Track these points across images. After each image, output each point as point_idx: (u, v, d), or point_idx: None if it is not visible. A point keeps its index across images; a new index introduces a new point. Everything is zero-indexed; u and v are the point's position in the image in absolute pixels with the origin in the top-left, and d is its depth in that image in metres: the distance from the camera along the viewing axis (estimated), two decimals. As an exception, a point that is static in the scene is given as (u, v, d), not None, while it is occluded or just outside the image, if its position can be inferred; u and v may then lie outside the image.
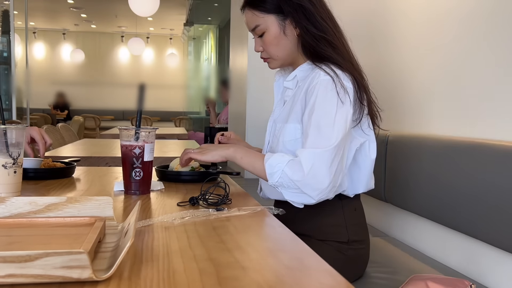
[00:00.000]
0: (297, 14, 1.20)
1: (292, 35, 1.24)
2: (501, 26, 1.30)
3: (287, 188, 1.12)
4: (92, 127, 10.18)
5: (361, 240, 1.26)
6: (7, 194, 1.04)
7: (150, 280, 0.54)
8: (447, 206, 1.38)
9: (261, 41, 1.27)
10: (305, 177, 1.08)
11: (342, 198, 1.24)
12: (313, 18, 1.20)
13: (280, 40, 1.24)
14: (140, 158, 1.10)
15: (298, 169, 1.09)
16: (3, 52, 7.44)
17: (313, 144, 1.11)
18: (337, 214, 1.23)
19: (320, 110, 1.14)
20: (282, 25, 1.23)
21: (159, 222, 0.83)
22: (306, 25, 1.20)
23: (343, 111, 1.13)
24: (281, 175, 1.10)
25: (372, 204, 1.96)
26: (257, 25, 1.24)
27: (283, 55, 1.26)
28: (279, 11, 1.22)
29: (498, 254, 1.26)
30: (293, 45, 1.25)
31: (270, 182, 1.13)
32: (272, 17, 1.22)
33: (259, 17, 1.23)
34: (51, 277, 0.49)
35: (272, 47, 1.25)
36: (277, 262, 0.64)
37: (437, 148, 1.45)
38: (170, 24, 12.22)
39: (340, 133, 1.12)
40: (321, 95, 1.14)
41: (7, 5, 7.02)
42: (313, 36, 1.20)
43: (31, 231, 0.72)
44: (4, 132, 1.02)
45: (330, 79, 1.15)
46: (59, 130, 4.11)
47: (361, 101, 1.18)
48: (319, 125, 1.12)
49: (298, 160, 1.10)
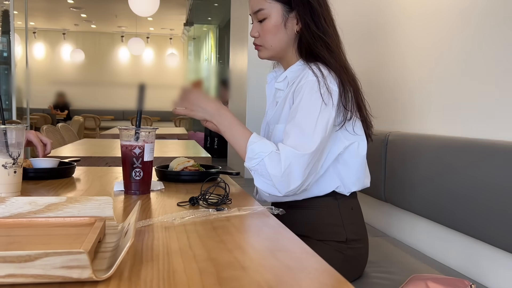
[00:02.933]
0: (304, 9, 1.21)
1: (291, 29, 1.24)
2: (500, 25, 1.30)
3: (260, 176, 1.14)
4: (92, 127, 10.18)
5: (360, 239, 1.26)
6: (7, 194, 1.04)
7: (150, 280, 0.54)
8: (447, 206, 1.38)
9: (259, 27, 1.26)
10: (280, 174, 1.11)
11: (338, 197, 1.25)
12: (317, 18, 1.21)
13: (279, 31, 1.24)
14: (140, 158, 1.10)
15: (277, 164, 1.11)
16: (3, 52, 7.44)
17: (294, 143, 1.13)
18: (334, 213, 1.24)
19: (304, 110, 1.15)
20: (285, 16, 1.23)
21: (159, 222, 0.83)
22: (309, 22, 1.21)
23: (326, 113, 1.15)
24: (260, 163, 1.13)
25: (372, 204, 1.96)
26: (262, 8, 1.23)
27: (277, 46, 1.26)
28: (287, 2, 1.22)
29: (498, 254, 1.26)
30: (290, 40, 1.25)
31: (247, 164, 1.16)
32: (278, 6, 1.23)
33: (266, 1, 1.23)
34: (51, 277, 0.49)
35: (268, 36, 1.25)
36: (277, 262, 0.64)
37: (437, 148, 1.45)
38: (170, 24, 12.22)
39: (319, 136, 1.13)
40: (306, 96, 1.16)
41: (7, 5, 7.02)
42: (312, 34, 1.21)
43: (31, 231, 0.72)
44: (4, 132, 1.02)
45: (316, 80, 1.15)
46: (59, 130, 4.11)
47: (345, 105, 1.18)
48: (301, 126, 1.14)
49: (279, 154, 1.12)
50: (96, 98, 13.27)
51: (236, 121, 1.21)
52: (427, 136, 1.55)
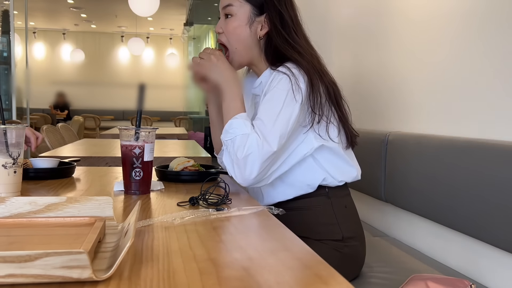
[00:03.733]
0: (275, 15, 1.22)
1: (255, 33, 1.25)
2: (498, 27, 1.30)
3: (228, 153, 1.15)
4: (92, 127, 10.18)
5: (355, 236, 1.27)
6: (7, 194, 1.04)
7: (150, 280, 0.54)
8: (447, 206, 1.38)
9: (224, 23, 1.27)
10: (240, 159, 1.11)
11: (330, 196, 1.26)
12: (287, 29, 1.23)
13: (242, 31, 1.24)
14: (140, 158, 1.10)
15: (242, 147, 1.11)
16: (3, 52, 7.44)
17: (262, 132, 1.12)
18: (328, 212, 1.25)
19: (268, 104, 1.16)
20: (251, 19, 1.24)
21: (159, 222, 0.83)
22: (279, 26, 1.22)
23: (289, 109, 1.14)
24: (232, 139, 1.13)
25: (372, 204, 1.96)
26: (231, 4, 1.25)
27: (241, 49, 1.26)
28: (258, 5, 1.23)
29: (498, 254, 1.26)
30: (253, 43, 1.26)
31: (222, 137, 1.17)
32: (248, 6, 1.24)
33: (236, 0, 1.24)
34: (51, 277, 0.49)
35: (231, 35, 1.26)
36: (277, 262, 0.64)
37: (437, 148, 1.45)
38: (170, 24, 12.22)
39: (278, 131, 1.13)
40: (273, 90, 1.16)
41: (7, 5, 7.02)
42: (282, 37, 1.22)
43: (31, 231, 0.72)
44: (4, 132, 1.02)
45: (284, 77, 1.16)
46: (59, 130, 4.11)
47: (312, 107, 1.17)
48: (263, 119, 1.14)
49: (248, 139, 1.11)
50: (96, 98, 13.28)
51: (239, 96, 1.20)
52: (427, 136, 1.55)
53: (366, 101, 2.07)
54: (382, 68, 1.95)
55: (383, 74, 1.94)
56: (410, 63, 1.75)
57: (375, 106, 2.01)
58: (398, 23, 1.85)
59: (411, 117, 1.74)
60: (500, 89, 1.30)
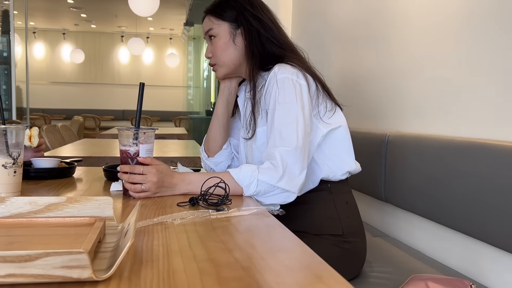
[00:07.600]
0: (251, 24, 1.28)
1: (240, 44, 1.31)
2: (498, 27, 1.30)
3: (266, 194, 1.13)
4: (92, 127, 10.18)
5: (356, 232, 1.28)
6: (7, 194, 1.04)
7: (150, 280, 0.54)
8: (447, 206, 1.38)
9: (211, 47, 1.34)
10: (282, 176, 1.11)
11: (332, 192, 1.28)
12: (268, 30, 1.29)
13: (228, 47, 1.31)
14: (135, 159, 1.10)
15: (272, 172, 1.12)
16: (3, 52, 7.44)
17: (281, 142, 1.14)
18: (330, 207, 1.26)
19: (281, 110, 1.18)
20: (232, 34, 1.31)
21: (159, 222, 0.83)
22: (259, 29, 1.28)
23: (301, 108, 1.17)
24: (258, 183, 1.12)
25: (372, 204, 1.96)
26: (211, 28, 1.33)
27: (229, 62, 1.32)
28: (233, 20, 1.31)
29: (498, 254, 1.26)
30: (241, 55, 1.31)
31: (248, 193, 1.12)
32: (225, 24, 1.31)
33: (214, 23, 1.32)
34: (51, 277, 0.49)
35: (219, 52, 1.32)
36: (277, 262, 0.64)
37: (437, 148, 1.45)
38: (170, 24, 12.22)
39: (302, 129, 1.16)
40: (280, 94, 1.18)
41: (7, 5, 7.02)
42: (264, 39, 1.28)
43: (31, 231, 0.72)
44: (4, 132, 1.02)
45: (286, 77, 1.19)
46: (59, 130, 4.11)
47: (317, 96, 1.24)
48: (283, 124, 1.16)
49: (268, 165, 1.13)
50: (96, 98, 13.29)
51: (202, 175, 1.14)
52: (427, 136, 1.55)
53: (366, 101, 2.07)
54: (382, 69, 1.95)
55: (383, 74, 1.94)
56: (410, 64, 1.75)
57: (375, 106, 2.01)
58: (398, 23, 1.85)
59: (411, 118, 1.74)
60: (500, 89, 1.30)
